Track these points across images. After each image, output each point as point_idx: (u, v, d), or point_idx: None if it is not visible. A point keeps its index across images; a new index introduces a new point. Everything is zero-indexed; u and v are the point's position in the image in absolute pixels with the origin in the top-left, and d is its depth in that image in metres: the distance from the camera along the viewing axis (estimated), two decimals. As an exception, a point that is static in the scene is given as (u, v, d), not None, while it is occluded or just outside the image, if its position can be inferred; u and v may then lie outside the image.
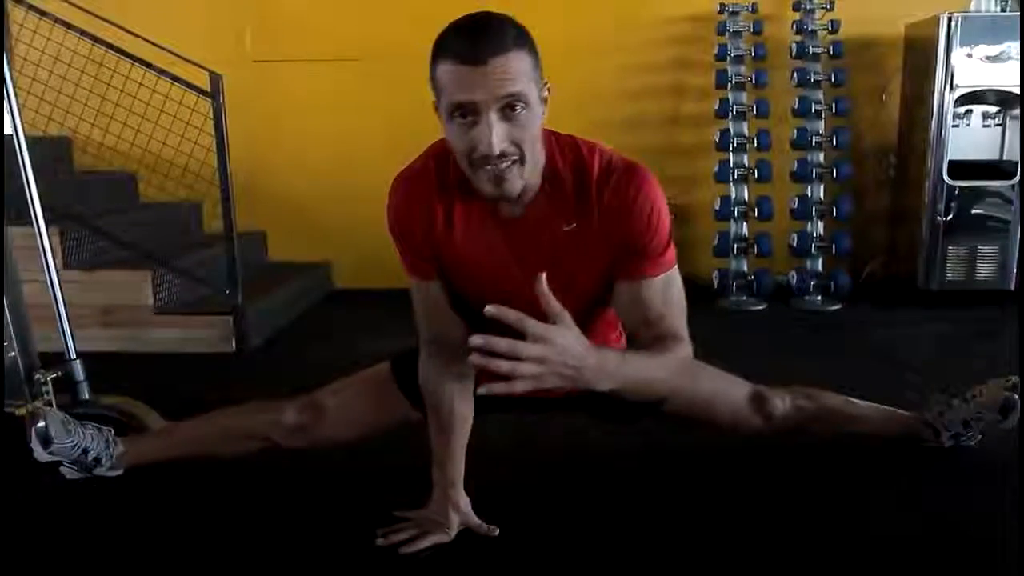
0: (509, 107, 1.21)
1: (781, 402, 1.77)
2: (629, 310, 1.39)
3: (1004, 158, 3.63)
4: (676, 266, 1.39)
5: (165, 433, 1.96)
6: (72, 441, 1.77)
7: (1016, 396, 1.79)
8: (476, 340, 1.10)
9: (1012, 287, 3.65)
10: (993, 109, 3.63)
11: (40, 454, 1.75)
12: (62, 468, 1.81)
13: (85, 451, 1.78)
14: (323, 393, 1.75)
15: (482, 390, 1.15)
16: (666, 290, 1.37)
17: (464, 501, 1.58)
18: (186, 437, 1.87)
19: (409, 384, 1.63)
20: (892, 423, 1.92)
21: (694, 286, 1.41)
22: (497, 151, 1.21)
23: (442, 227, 1.40)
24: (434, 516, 1.57)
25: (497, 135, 1.21)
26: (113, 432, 1.85)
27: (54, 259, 2.14)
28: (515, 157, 1.24)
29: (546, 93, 1.27)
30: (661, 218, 1.33)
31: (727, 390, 1.76)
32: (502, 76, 1.19)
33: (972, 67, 3.49)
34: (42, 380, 1.98)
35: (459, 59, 1.19)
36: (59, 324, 2.08)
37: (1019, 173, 3.54)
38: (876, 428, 1.91)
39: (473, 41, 1.19)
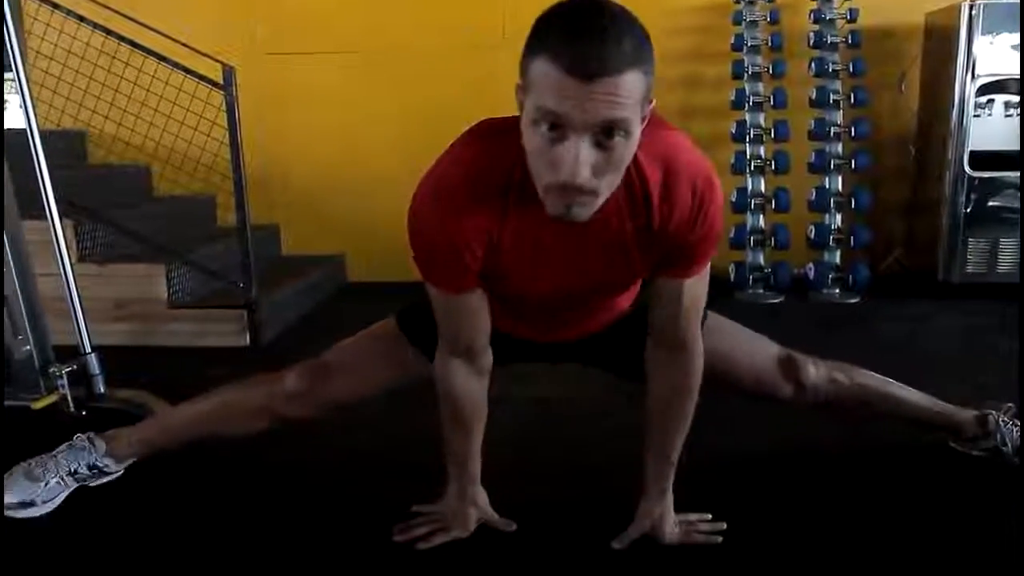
0: (605, 133, 1.05)
1: (815, 369, 1.66)
2: (660, 303, 1.37)
3: (1026, 148, 3.57)
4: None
5: (161, 420, 1.87)
6: (45, 482, 1.67)
7: None
8: None
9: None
10: (1015, 99, 3.56)
11: (40, 511, 1.66)
12: (90, 484, 1.74)
13: (73, 472, 1.70)
14: (326, 354, 1.67)
15: None
16: (698, 288, 1.36)
17: (482, 496, 1.57)
18: (184, 420, 1.78)
19: (418, 334, 1.56)
20: (934, 409, 1.80)
21: (711, 279, 1.38)
22: (579, 182, 1.06)
23: (497, 240, 1.25)
24: (452, 511, 1.55)
25: (584, 164, 1.05)
26: (86, 434, 1.75)
27: (68, 253, 2.14)
28: (594, 190, 1.09)
29: (650, 107, 1.12)
30: (719, 229, 1.29)
31: (750, 349, 1.66)
32: (608, 99, 1.02)
33: (994, 55, 3.43)
34: (57, 374, 1.98)
35: (563, 67, 1.01)
36: (74, 318, 2.08)
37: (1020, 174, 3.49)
38: (919, 413, 1.80)
39: (584, 51, 1.01)
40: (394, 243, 1.79)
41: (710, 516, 1.58)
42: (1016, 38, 3.41)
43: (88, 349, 2.08)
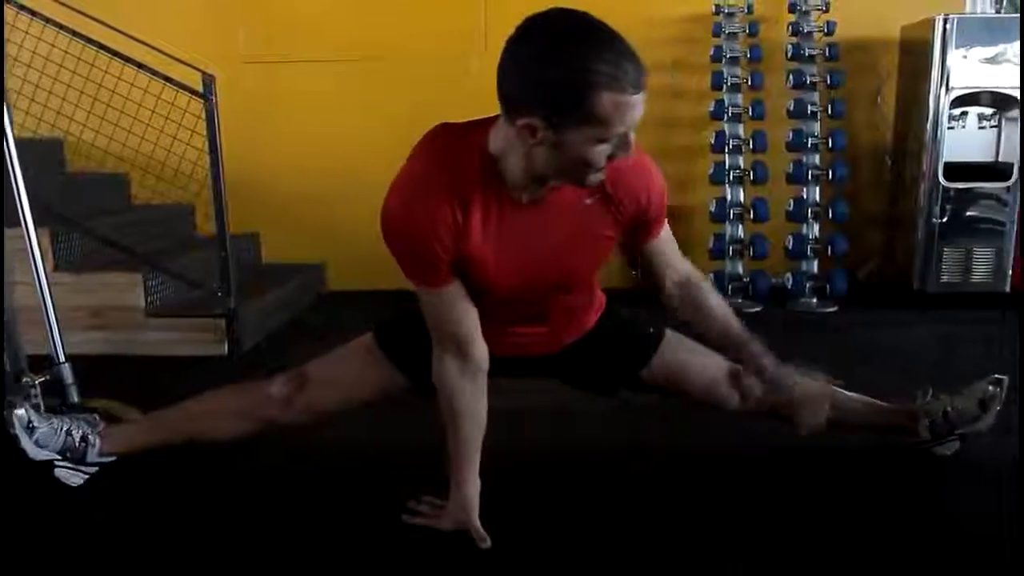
0: None
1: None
2: (656, 262, 1.58)
3: (999, 160, 3.63)
4: None
5: (153, 419, 1.92)
6: (52, 424, 1.76)
7: (998, 390, 1.80)
8: None
9: (1008, 289, 3.64)
10: (989, 111, 3.63)
11: (31, 449, 1.73)
12: (57, 472, 1.78)
13: (69, 432, 1.77)
14: (308, 365, 1.76)
15: None
16: (670, 234, 1.59)
17: (470, 502, 1.57)
18: (174, 420, 1.85)
19: (394, 349, 1.67)
20: (874, 413, 1.91)
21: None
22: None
23: (463, 229, 1.35)
24: (447, 508, 1.58)
25: None
26: (88, 414, 1.84)
27: (43, 261, 2.11)
28: None
29: None
30: (664, 189, 1.48)
31: (702, 362, 1.77)
32: (644, 96, 1.21)
33: (967, 69, 3.49)
34: (30, 383, 1.96)
35: (634, 88, 1.18)
36: (48, 327, 2.05)
37: (1018, 174, 3.54)
38: (857, 417, 1.88)
39: (636, 65, 1.18)
40: (374, 252, 1.79)
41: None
42: (988, 51, 3.47)
43: (62, 358, 2.06)
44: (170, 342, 3.05)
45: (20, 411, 1.73)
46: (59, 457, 1.77)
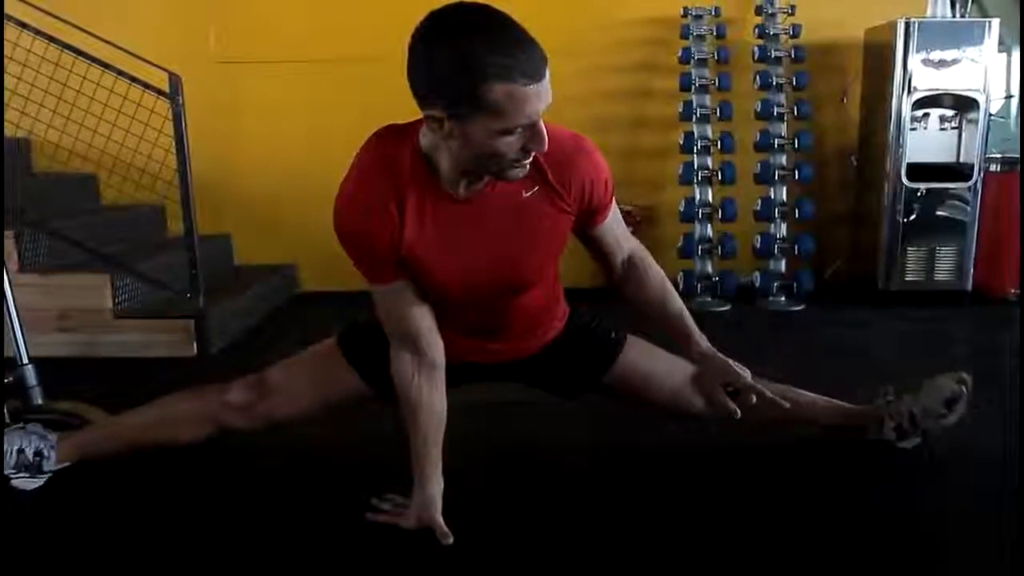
0: None
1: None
2: (605, 243, 1.60)
3: (961, 160, 3.71)
4: None
5: (108, 425, 1.91)
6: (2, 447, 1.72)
7: (964, 390, 1.81)
8: None
9: (969, 287, 3.72)
10: (950, 112, 3.70)
11: None
12: (12, 483, 1.76)
13: (21, 450, 1.74)
14: (269, 371, 1.75)
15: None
16: (617, 215, 1.60)
17: (432, 500, 1.57)
18: (130, 425, 1.83)
19: (357, 356, 1.68)
20: (835, 413, 1.93)
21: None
22: (546, 148, 1.27)
23: (400, 225, 1.37)
24: (411, 506, 1.59)
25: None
26: (40, 424, 1.81)
27: (8, 262, 2.09)
28: None
29: None
30: (609, 175, 1.50)
31: (666, 368, 1.80)
32: (548, 84, 1.22)
33: (928, 71, 3.56)
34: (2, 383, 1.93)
35: (527, 78, 1.17)
36: (11, 329, 2.03)
37: (979, 175, 3.62)
38: (818, 416, 1.91)
39: (531, 55, 1.18)
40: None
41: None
42: (949, 54, 3.54)
43: (25, 360, 2.03)
44: (138, 344, 3.03)
45: None
46: (14, 471, 1.75)
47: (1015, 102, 4.03)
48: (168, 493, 1.79)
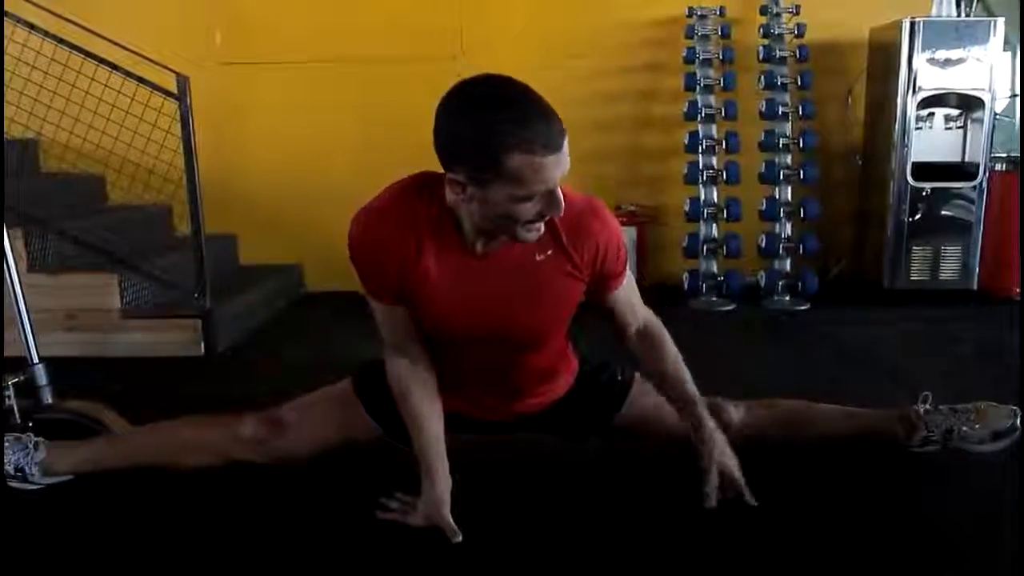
0: None
1: (735, 412, 1.80)
2: (618, 312, 1.61)
3: (966, 160, 3.71)
4: None
5: (119, 441, 1.91)
6: None
7: (1018, 426, 1.77)
8: None
9: (975, 287, 3.72)
10: (955, 112, 3.71)
11: None
12: (11, 484, 1.77)
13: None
14: (284, 408, 1.75)
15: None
16: (630, 283, 1.61)
17: (441, 498, 1.58)
18: (141, 444, 1.84)
19: (372, 401, 1.70)
20: (857, 422, 1.89)
21: (664, 287, 1.45)
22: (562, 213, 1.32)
23: (413, 265, 1.42)
24: (420, 505, 1.60)
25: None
26: (35, 438, 1.79)
27: (17, 262, 2.10)
28: None
29: None
30: (622, 241, 1.52)
31: None
32: (566, 151, 1.26)
33: (933, 71, 3.56)
34: (3, 385, 1.95)
35: (546, 150, 1.23)
36: (21, 328, 2.04)
37: (983, 175, 3.62)
38: (840, 428, 1.88)
39: (550, 128, 1.23)
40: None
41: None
42: (954, 54, 3.54)
43: (36, 360, 2.04)
44: (146, 343, 3.05)
45: None
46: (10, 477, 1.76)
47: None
48: (178, 492, 1.80)
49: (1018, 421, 1.78)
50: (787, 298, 3.75)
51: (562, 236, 1.43)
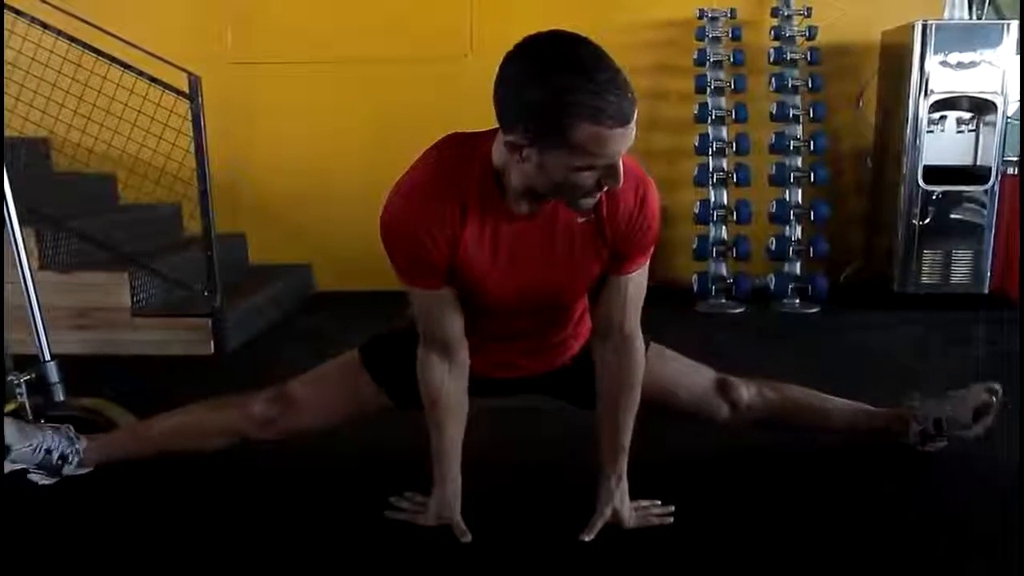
0: None
1: (747, 390, 1.80)
2: (605, 301, 1.51)
3: (978, 163, 3.69)
4: None
5: (135, 430, 1.94)
6: (31, 444, 1.75)
7: (993, 400, 1.78)
8: None
9: (986, 290, 3.70)
10: (967, 115, 3.69)
11: (4, 464, 1.73)
12: (30, 475, 1.79)
13: (48, 451, 1.76)
14: (292, 384, 1.76)
15: None
16: (639, 280, 1.50)
17: (451, 498, 1.58)
18: (156, 433, 1.85)
19: (380, 370, 1.69)
20: (861, 417, 1.92)
21: (673, 289, 1.44)
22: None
23: (460, 233, 1.36)
24: (430, 504, 1.60)
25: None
26: (72, 428, 1.83)
27: (29, 260, 2.12)
28: None
29: None
30: (658, 223, 1.44)
31: (690, 376, 1.79)
32: (633, 130, 1.20)
33: (946, 74, 3.55)
34: (16, 382, 1.96)
35: (615, 122, 1.16)
36: (33, 326, 2.06)
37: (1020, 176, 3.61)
38: (844, 422, 1.91)
39: (618, 104, 1.15)
40: (361, 252, 1.81)
41: (660, 502, 1.66)
42: (966, 57, 3.53)
43: (48, 357, 2.06)
44: (156, 342, 3.06)
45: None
46: (35, 467, 1.78)
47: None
48: (188, 492, 1.81)
49: (993, 397, 1.79)
50: (797, 301, 3.74)
51: (604, 204, 1.36)
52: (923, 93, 3.57)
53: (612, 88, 1.15)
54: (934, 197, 3.67)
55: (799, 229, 3.78)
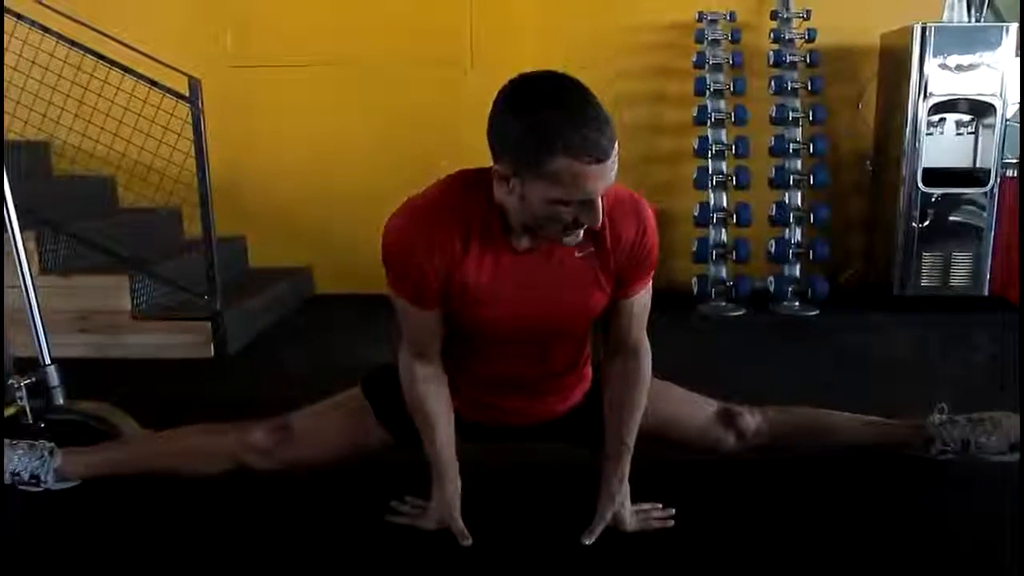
0: None
1: (751, 418, 1.79)
2: (614, 322, 1.54)
3: (977, 166, 3.69)
4: None
5: (130, 446, 1.92)
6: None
7: None
8: None
9: (986, 293, 3.70)
10: (966, 118, 3.69)
11: None
12: (20, 487, 1.78)
13: (16, 473, 1.75)
14: (293, 415, 1.75)
15: None
16: (644, 299, 1.53)
17: (451, 501, 1.58)
18: (151, 451, 1.85)
19: (381, 405, 1.69)
20: (875, 432, 1.89)
21: (673, 292, 1.44)
22: (599, 226, 1.29)
23: (460, 263, 1.39)
24: (431, 508, 1.60)
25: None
26: (48, 445, 1.80)
27: (29, 264, 2.12)
28: None
29: None
30: (657, 246, 1.47)
31: (692, 408, 1.79)
32: (613, 167, 1.23)
33: (945, 76, 3.55)
34: (16, 385, 1.96)
35: (591, 157, 1.20)
36: (33, 329, 2.06)
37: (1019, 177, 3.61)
38: (857, 439, 1.88)
39: (596, 140, 1.20)
40: (360, 255, 1.80)
41: (661, 505, 1.66)
42: (966, 59, 3.53)
43: (48, 361, 2.06)
44: (156, 345, 3.06)
45: None
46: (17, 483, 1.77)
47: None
48: (187, 496, 1.80)
49: None
50: (797, 304, 3.74)
51: (606, 235, 1.40)
52: (922, 96, 3.57)
53: (592, 125, 1.20)
54: (933, 199, 3.66)
55: (799, 232, 3.78)
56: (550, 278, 1.43)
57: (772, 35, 3.89)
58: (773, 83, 3.83)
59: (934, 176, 3.65)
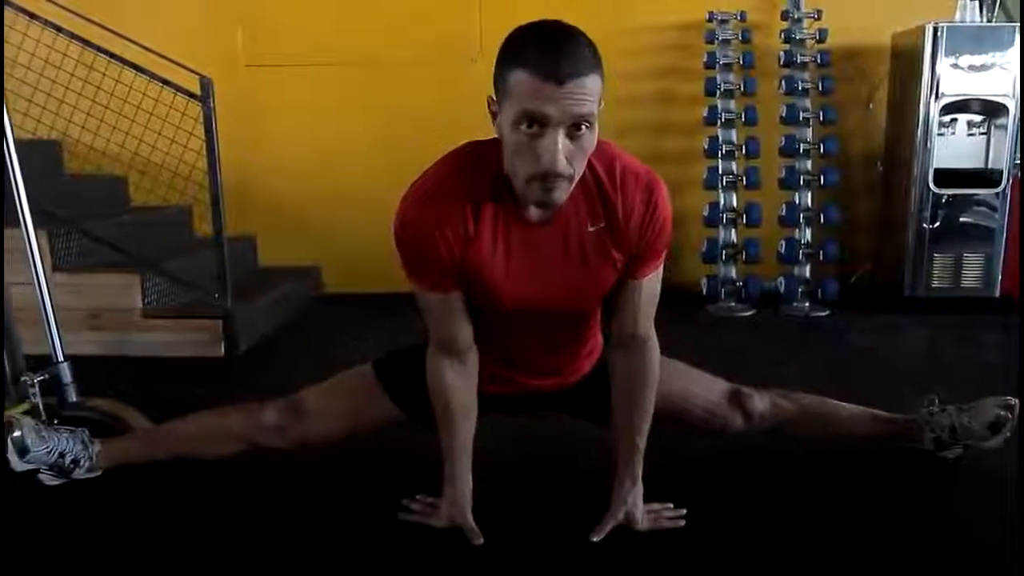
0: (575, 127, 1.22)
1: (760, 400, 1.81)
2: (621, 310, 1.51)
3: (989, 166, 3.67)
4: None
5: (145, 434, 1.96)
6: (47, 447, 1.77)
7: (1009, 416, 1.78)
8: None
9: (997, 294, 3.68)
10: (978, 118, 3.67)
11: (16, 464, 1.75)
12: (40, 475, 1.81)
13: (62, 455, 1.78)
14: (304, 394, 1.77)
15: None
16: (653, 284, 1.51)
17: (463, 499, 1.59)
18: (167, 437, 1.88)
19: (393, 383, 1.70)
20: (873, 423, 1.92)
21: (683, 292, 1.44)
22: (559, 168, 1.23)
23: (473, 237, 1.38)
24: (442, 505, 1.61)
25: (561, 153, 1.22)
26: (88, 432, 1.85)
27: (42, 261, 2.13)
28: (569, 175, 1.26)
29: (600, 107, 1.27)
30: (670, 225, 1.44)
31: (701, 387, 1.80)
32: (578, 97, 1.20)
33: (957, 77, 3.53)
34: (29, 383, 1.97)
35: (539, 74, 1.19)
36: (46, 326, 2.07)
37: (1020, 177, 3.59)
38: (857, 428, 1.92)
39: (555, 59, 1.19)
40: (369, 254, 1.81)
41: (672, 504, 1.66)
42: (978, 59, 3.51)
43: (61, 358, 2.07)
44: (167, 343, 3.07)
45: (17, 434, 1.74)
46: (45, 468, 1.80)
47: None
48: (198, 493, 1.81)
49: (1008, 412, 1.79)
50: (807, 304, 3.73)
51: (617, 208, 1.38)
52: (934, 96, 3.55)
53: (558, 48, 1.20)
54: (945, 200, 3.65)
55: (809, 232, 3.77)
56: (566, 251, 1.42)
57: (783, 35, 3.88)
58: (783, 83, 3.82)
59: (945, 177, 3.63)
